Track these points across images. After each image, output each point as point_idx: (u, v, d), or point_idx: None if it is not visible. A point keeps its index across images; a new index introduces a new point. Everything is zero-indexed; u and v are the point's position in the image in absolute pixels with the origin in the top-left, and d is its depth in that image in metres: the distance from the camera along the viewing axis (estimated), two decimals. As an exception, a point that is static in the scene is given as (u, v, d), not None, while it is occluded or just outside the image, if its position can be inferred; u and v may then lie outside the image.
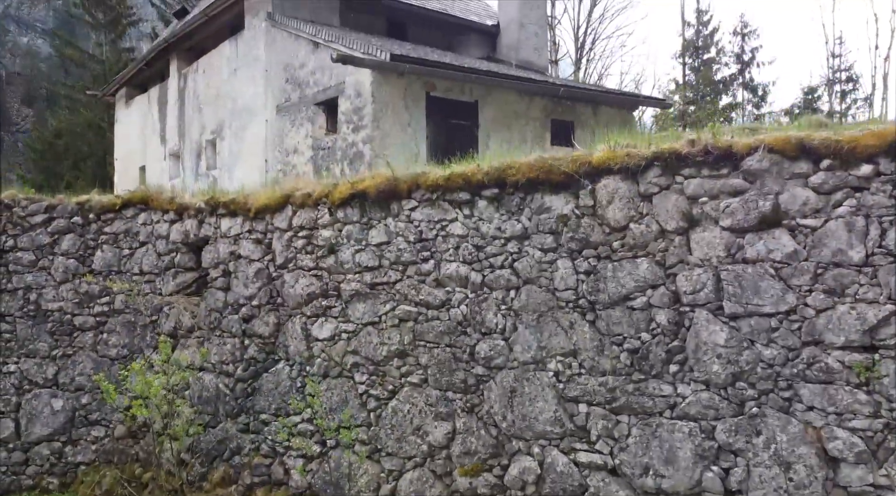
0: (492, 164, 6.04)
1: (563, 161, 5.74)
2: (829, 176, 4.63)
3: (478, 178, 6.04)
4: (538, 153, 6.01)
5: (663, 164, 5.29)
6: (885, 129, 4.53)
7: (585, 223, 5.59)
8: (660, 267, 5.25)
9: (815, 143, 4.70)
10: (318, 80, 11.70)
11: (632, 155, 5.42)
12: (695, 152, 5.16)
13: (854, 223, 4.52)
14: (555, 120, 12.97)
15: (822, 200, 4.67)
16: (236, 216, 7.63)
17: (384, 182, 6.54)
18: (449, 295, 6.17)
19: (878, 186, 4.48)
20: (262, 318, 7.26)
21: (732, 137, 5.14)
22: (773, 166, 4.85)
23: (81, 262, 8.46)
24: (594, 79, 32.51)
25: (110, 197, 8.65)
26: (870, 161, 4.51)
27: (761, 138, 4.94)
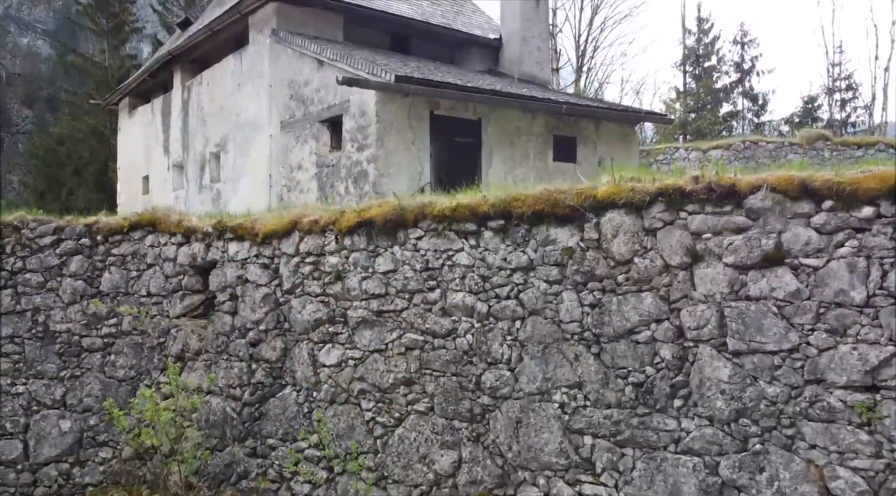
0: (498, 196, 6.12)
1: (568, 194, 5.82)
2: (831, 217, 4.71)
3: (483, 210, 6.12)
4: (543, 185, 6.08)
5: (667, 199, 5.37)
6: (885, 171, 4.61)
7: (590, 256, 5.67)
8: (664, 301, 5.33)
9: (817, 184, 4.78)
10: (322, 97, 11.78)
11: (636, 190, 5.51)
12: (698, 189, 5.24)
13: (856, 264, 4.60)
14: (557, 136, 13.06)
15: (824, 240, 4.74)
16: (244, 240, 7.71)
17: (391, 211, 6.62)
18: (455, 324, 6.25)
19: (879, 228, 4.55)
20: (270, 343, 7.34)
21: (736, 175, 5.22)
22: (776, 205, 4.93)
23: (89, 284, 8.54)
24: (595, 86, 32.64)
25: (118, 219, 8.73)
26: (871, 203, 4.59)
27: (764, 178, 5.02)
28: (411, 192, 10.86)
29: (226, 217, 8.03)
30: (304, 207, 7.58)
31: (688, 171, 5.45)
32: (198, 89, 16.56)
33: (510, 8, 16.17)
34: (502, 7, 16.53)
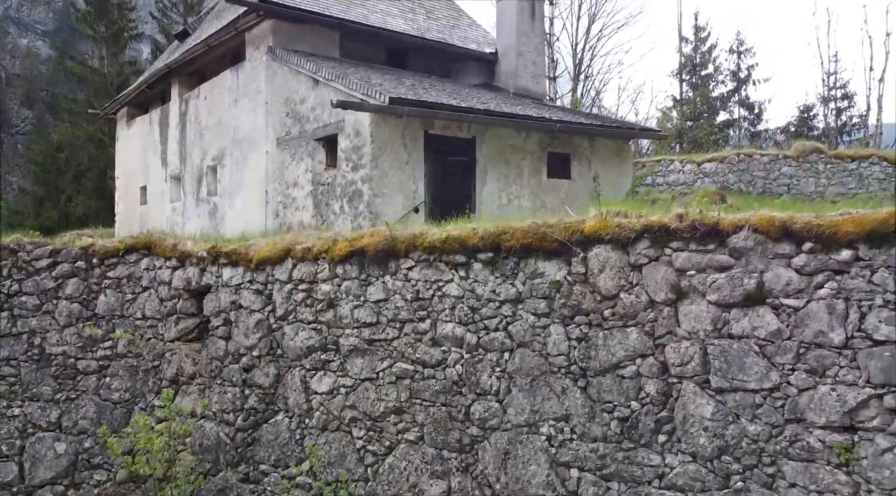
0: (487, 229, 6.21)
1: (556, 228, 5.91)
2: (811, 258, 4.80)
3: (473, 242, 6.21)
4: (531, 218, 6.17)
5: (652, 236, 5.46)
6: (864, 215, 4.69)
7: (577, 290, 5.75)
8: (649, 337, 5.41)
9: (798, 226, 4.87)
10: (318, 116, 11.87)
11: (622, 226, 5.60)
12: (682, 227, 5.33)
13: (835, 306, 4.69)
14: (551, 152, 13.15)
15: (804, 281, 4.83)
16: (237, 266, 7.80)
17: (382, 241, 6.70)
18: (445, 354, 6.33)
19: (857, 271, 4.64)
20: (263, 369, 7.42)
21: (719, 214, 5.31)
22: (758, 245, 5.02)
23: (85, 306, 8.61)
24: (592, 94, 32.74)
25: (114, 241, 8.81)
26: (849, 246, 4.68)
27: (746, 218, 5.12)
28: (406, 210, 10.98)
29: (220, 242, 8.11)
30: (297, 234, 7.67)
31: (673, 209, 5.53)
32: (195, 102, 16.64)
33: (506, 23, 16.25)
34: (498, 22, 16.62)
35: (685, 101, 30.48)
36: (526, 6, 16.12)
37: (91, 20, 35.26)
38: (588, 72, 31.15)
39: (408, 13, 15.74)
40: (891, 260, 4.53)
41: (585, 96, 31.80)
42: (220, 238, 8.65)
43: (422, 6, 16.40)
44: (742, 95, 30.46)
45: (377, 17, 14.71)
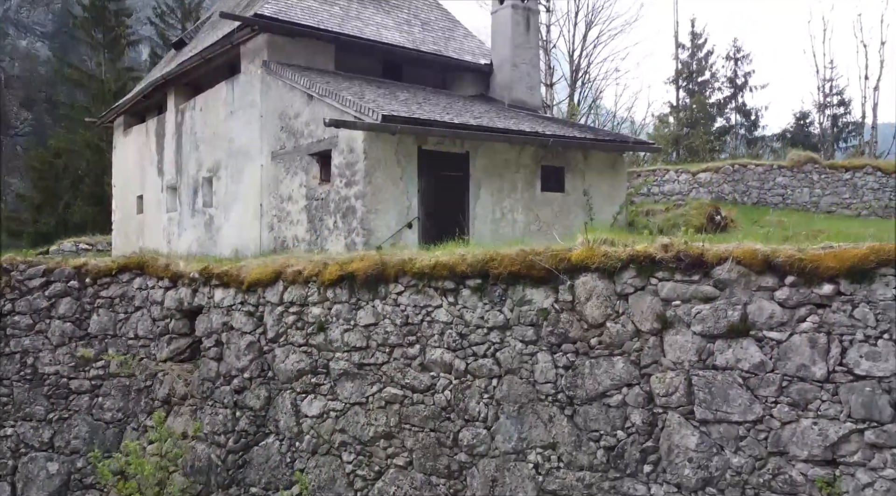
0: (475, 256, 6.25)
1: (544, 256, 5.95)
2: (794, 292, 4.84)
3: (461, 269, 6.25)
4: (520, 246, 6.21)
5: (638, 266, 5.50)
6: (845, 250, 4.73)
7: (564, 318, 5.79)
8: (635, 366, 5.45)
9: (780, 259, 4.91)
10: (312, 131, 11.91)
11: (609, 256, 5.63)
12: (668, 258, 5.37)
13: (816, 340, 4.73)
14: (545, 166, 13.19)
15: (787, 314, 4.87)
16: (229, 287, 7.83)
17: (372, 265, 6.74)
18: (434, 380, 6.36)
19: (838, 306, 4.68)
20: (254, 391, 7.45)
21: (703, 245, 5.35)
22: (742, 278, 5.06)
23: (78, 326, 8.65)
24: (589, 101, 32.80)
25: (106, 261, 8.84)
26: (831, 281, 4.71)
27: (730, 250, 5.15)
28: (399, 226, 11.02)
29: (212, 263, 8.14)
30: (288, 257, 7.70)
31: (658, 239, 5.57)
32: (191, 113, 16.68)
33: (500, 35, 16.31)
34: (493, 33, 16.67)
35: (682, 107, 30.55)
36: (521, 19, 16.18)
37: (88, 27, 35.29)
38: (585, 78, 31.22)
39: (403, 25, 15.78)
40: (871, 295, 4.57)
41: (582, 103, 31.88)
42: (212, 258, 8.69)
43: (417, 18, 16.45)
44: (739, 102, 30.53)
45: (372, 29, 14.75)
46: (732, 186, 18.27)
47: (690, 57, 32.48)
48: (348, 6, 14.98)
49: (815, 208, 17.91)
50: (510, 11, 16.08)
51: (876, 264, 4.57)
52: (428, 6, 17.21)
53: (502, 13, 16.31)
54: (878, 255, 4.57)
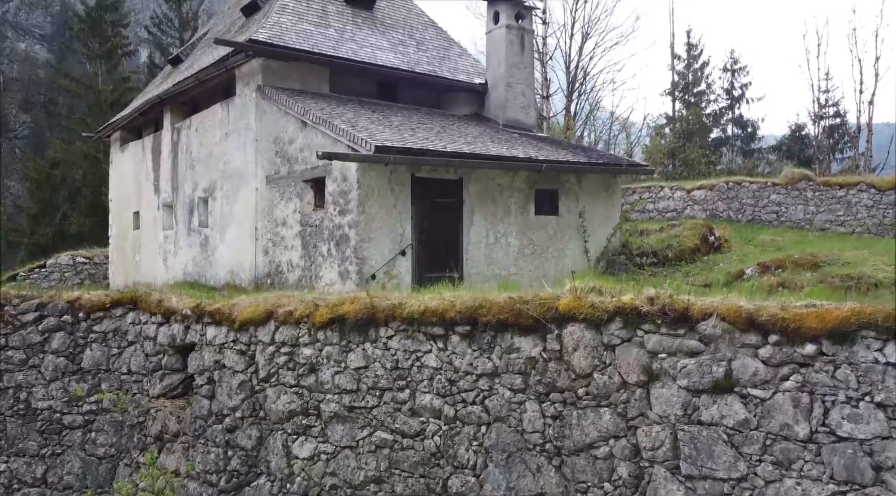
0: (464, 302, 6.28)
1: (532, 304, 5.99)
2: (777, 351, 4.88)
3: (450, 316, 6.29)
4: (507, 293, 6.25)
5: (624, 318, 5.54)
6: (827, 311, 4.78)
7: (552, 368, 5.83)
8: (622, 418, 5.49)
9: (763, 318, 4.95)
10: (306, 158, 11.95)
11: (595, 307, 5.68)
12: (653, 311, 5.41)
13: (800, 399, 4.77)
14: (539, 189, 13.24)
15: (770, 372, 4.91)
16: (221, 325, 7.86)
17: (362, 309, 6.78)
18: (423, 425, 6.40)
19: (821, 366, 4.73)
20: (245, 431, 7.48)
21: (689, 299, 5.39)
22: (726, 334, 5.10)
23: (71, 361, 8.68)
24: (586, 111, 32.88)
25: (100, 295, 8.87)
26: (814, 341, 4.76)
27: (715, 306, 5.20)
28: (392, 254, 11.06)
29: (205, 300, 8.17)
30: (280, 296, 7.73)
31: (644, 292, 5.61)
32: (187, 133, 16.71)
33: (495, 54, 16.36)
34: (488, 53, 16.73)
35: (678, 118, 30.62)
36: (515, 39, 16.24)
37: (84, 37, 35.33)
38: (581, 89, 31.32)
39: (398, 46, 15.84)
40: (853, 357, 4.62)
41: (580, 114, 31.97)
42: (206, 288, 8.71)
43: (412, 38, 16.51)
44: (735, 113, 30.62)
45: (367, 51, 14.80)
46: (727, 204, 18.32)
47: (686, 68, 32.57)
48: (343, 28, 15.03)
49: (809, 225, 17.97)
50: (504, 31, 16.14)
51: (857, 327, 4.62)
52: (423, 26, 17.27)
53: (497, 33, 16.37)
54: (860, 318, 4.62)
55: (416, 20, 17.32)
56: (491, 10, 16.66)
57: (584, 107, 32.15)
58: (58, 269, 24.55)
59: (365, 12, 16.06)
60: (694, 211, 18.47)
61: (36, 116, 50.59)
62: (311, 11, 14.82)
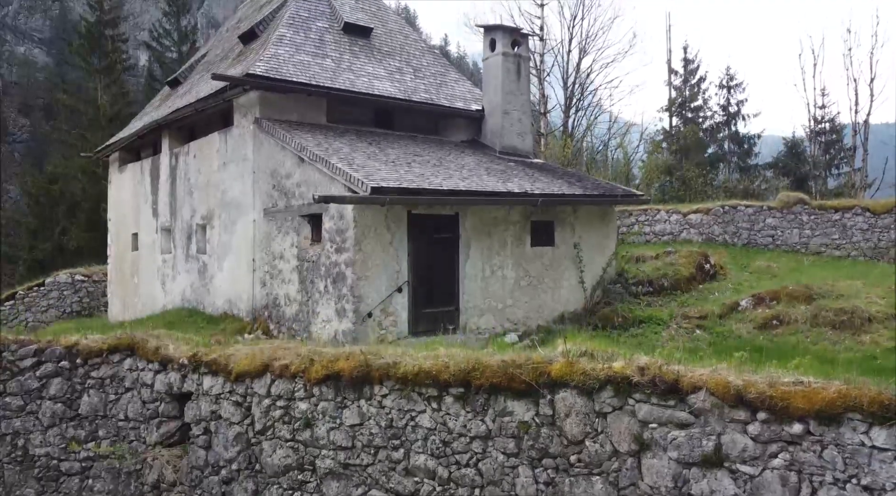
0: (458, 364, 6.34)
1: (524, 369, 6.04)
2: (765, 428, 4.94)
3: (444, 377, 6.34)
4: (500, 356, 6.31)
5: (616, 387, 5.60)
6: (814, 391, 4.84)
7: (545, 433, 5.89)
8: (613, 487, 5.54)
9: (752, 395, 5.01)
10: (303, 193, 12.02)
11: (587, 374, 5.73)
12: (644, 382, 5.47)
13: (788, 478, 4.82)
14: (535, 221, 13.32)
15: (759, 449, 4.97)
16: (217, 375, 7.91)
17: (357, 366, 6.83)
18: (418, 485, 6.45)
19: (808, 445, 4.78)
20: (241, 484, 7.52)
21: (679, 370, 5.45)
22: (715, 408, 5.16)
23: (68, 406, 8.72)
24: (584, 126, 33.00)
25: (97, 341, 8.91)
26: (801, 420, 4.82)
27: (704, 379, 5.26)
28: (389, 292, 11.12)
29: (201, 350, 8.22)
30: (276, 348, 7.78)
31: (635, 361, 5.67)
32: (185, 159, 16.79)
33: (491, 81, 16.47)
34: (484, 80, 16.84)
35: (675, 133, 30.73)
36: (511, 66, 16.35)
37: (84, 52, 35.43)
38: (579, 105, 31.44)
39: (395, 74, 15.93)
40: (839, 438, 4.68)
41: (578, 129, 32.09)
42: (202, 341, 8.76)
43: (409, 65, 16.60)
44: (732, 130, 30.75)
45: (364, 81, 14.89)
46: (723, 227, 18.40)
47: (683, 82, 32.71)
48: (340, 58, 15.12)
49: (804, 249, 18.05)
50: (501, 59, 16.26)
51: (843, 409, 4.68)
52: (420, 52, 17.37)
53: (493, 60, 16.48)
54: (846, 401, 4.68)
55: (412, 46, 17.42)
56: (487, 37, 16.78)
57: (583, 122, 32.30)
58: (56, 288, 24.61)
59: (362, 40, 16.16)
60: (690, 234, 18.54)
61: (35, 120, 50.61)
62: (308, 41, 14.92)
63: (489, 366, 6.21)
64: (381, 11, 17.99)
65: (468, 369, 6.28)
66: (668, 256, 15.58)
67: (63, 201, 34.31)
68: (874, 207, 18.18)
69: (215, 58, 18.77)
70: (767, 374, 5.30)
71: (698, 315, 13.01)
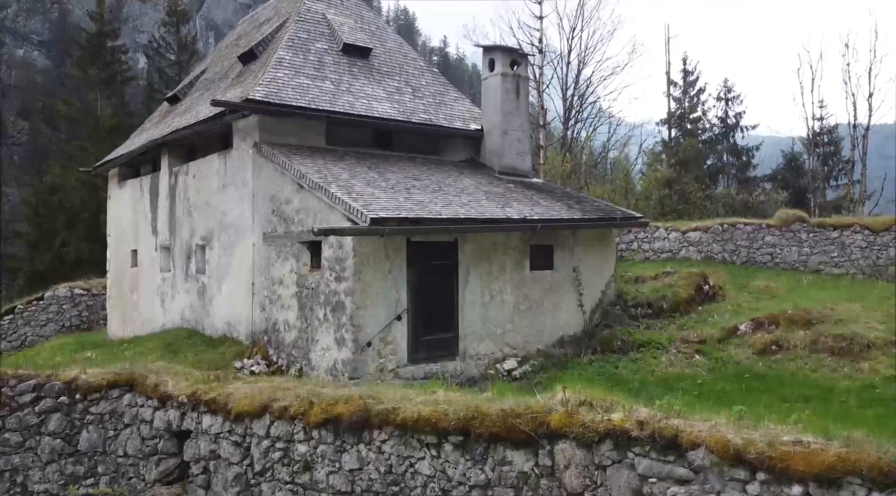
0: (457, 412, 6.33)
1: (524, 419, 6.04)
2: (765, 489, 4.93)
3: (444, 425, 6.34)
4: (499, 404, 6.31)
5: (615, 440, 5.60)
6: (813, 454, 4.83)
7: (544, 484, 5.88)
8: (613, 542, 5.54)
9: (751, 455, 5.01)
10: (302, 220, 12.03)
11: (587, 426, 5.73)
12: (643, 437, 5.47)
13: (787, 540, 4.82)
14: (534, 245, 13.33)
15: (758, 509, 4.97)
16: (216, 414, 7.90)
17: (356, 411, 6.83)
18: (417, 533, 6.44)
19: (808, 508, 4.78)
20: (241, 525, 7.51)
21: (678, 425, 5.45)
22: (715, 465, 5.16)
23: (67, 442, 8.70)
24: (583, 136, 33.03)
25: (97, 376, 8.90)
26: (801, 482, 4.82)
27: (703, 437, 5.26)
28: (388, 320, 11.12)
29: (200, 388, 8.21)
30: (275, 388, 7.78)
31: (634, 415, 5.66)
32: (184, 178, 16.79)
33: (491, 101, 16.50)
34: (483, 100, 16.87)
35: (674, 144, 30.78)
36: (511, 86, 16.39)
37: (84, 64, 35.48)
38: (578, 117, 31.49)
39: (394, 94, 15.95)
40: (839, 502, 4.68)
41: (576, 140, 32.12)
42: (200, 377, 8.75)
43: (408, 85, 16.62)
44: (730, 142, 30.81)
45: (363, 103, 14.91)
46: (722, 245, 18.42)
47: (683, 93, 32.77)
48: (339, 79, 15.14)
49: (803, 267, 18.07)
50: (500, 79, 16.30)
51: (843, 473, 4.68)
52: (419, 71, 17.39)
53: (492, 80, 16.52)
54: (845, 465, 4.67)
55: (412, 65, 17.45)
56: (487, 57, 16.82)
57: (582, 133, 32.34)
58: (56, 302, 24.60)
59: (361, 60, 16.19)
60: (689, 252, 18.56)
61: (34, 123, 50.63)
62: (307, 64, 14.94)
63: (488, 415, 6.21)
64: (380, 30, 18.03)
65: (468, 417, 6.28)
66: (666, 277, 15.59)
67: (62, 212, 34.31)
68: (873, 225, 18.20)
69: (215, 76, 18.79)
70: (766, 432, 5.30)
71: (697, 339, 13.02)
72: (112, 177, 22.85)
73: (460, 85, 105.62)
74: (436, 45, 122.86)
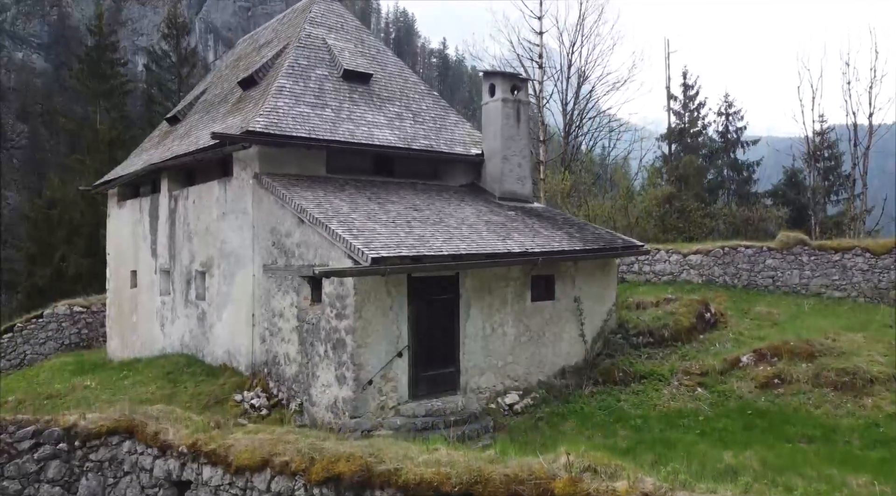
0: (459, 476, 6.28)
1: (527, 485, 5.99)
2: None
3: (446, 489, 6.29)
4: (502, 467, 6.26)
5: (619, 511, 5.55)
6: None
7: (548, 553, 5.83)
8: None
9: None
10: (303, 254, 11.99)
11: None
12: (647, 511, 5.42)
13: None
14: (535, 276, 13.28)
15: None
16: (217, 466, 7.84)
17: (358, 471, 6.77)
18: None
19: None
20: (241, 581, 7.45)
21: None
22: (720, 543, 5.12)
23: (66, 490, 8.64)
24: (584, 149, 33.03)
25: (97, 422, 8.84)
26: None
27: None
28: (389, 357, 11.07)
29: (200, 437, 8.16)
30: (276, 441, 7.72)
31: (639, 483, 5.62)
32: (184, 203, 16.76)
33: (491, 126, 16.48)
34: (484, 124, 16.84)
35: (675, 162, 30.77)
36: (511, 111, 16.37)
37: (83, 77, 35.48)
38: (578, 132, 31.50)
39: (395, 120, 15.92)
40: None
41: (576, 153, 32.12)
42: (201, 424, 8.69)
43: (409, 110, 16.60)
44: (731, 157, 30.81)
45: (364, 130, 14.87)
46: (723, 269, 18.38)
47: (683, 107, 32.78)
48: (340, 107, 15.11)
49: (805, 290, 18.02)
50: (500, 105, 16.29)
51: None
52: (419, 95, 17.37)
53: (493, 106, 16.50)
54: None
55: (412, 90, 17.42)
56: (487, 82, 16.82)
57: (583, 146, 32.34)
58: (55, 320, 24.54)
59: (362, 86, 16.16)
60: (690, 275, 18.53)
61: (34, 126, 50.60)
62: (308, 91, 14.91)
63: (491, 481, 6.16)
64: (380, 54, 18.00)
65: (470, 482, 6.23)
66: (668, 304, 15.55)
67: (62, 226, 34.27)
68: (874, 248, 18.16)
69: (214, 98, 18.77)
70: None
71: (699, 371, 12.97)
72: (112, 196, 22.80)
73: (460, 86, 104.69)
74: (435, 47, 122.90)
